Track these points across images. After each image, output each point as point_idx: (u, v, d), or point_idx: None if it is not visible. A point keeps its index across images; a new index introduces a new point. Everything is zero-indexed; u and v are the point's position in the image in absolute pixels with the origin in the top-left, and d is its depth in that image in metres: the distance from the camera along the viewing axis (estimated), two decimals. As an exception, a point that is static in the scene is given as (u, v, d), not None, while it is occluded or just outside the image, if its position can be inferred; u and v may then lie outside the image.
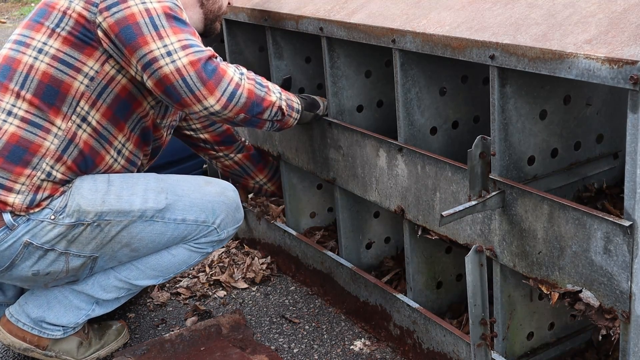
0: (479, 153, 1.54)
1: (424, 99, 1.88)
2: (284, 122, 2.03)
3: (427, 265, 2.04)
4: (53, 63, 1.88)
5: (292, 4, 2.22)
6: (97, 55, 1.88)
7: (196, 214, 2.05)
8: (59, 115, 1.89)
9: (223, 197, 2.11)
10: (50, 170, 1.88)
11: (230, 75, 1.84)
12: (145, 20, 1.81)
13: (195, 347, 2.16)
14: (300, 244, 2.46)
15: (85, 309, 2.09)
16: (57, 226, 1.89)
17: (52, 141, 1.88)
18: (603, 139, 1.83)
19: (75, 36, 1.87)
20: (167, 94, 1.82)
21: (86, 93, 1.90)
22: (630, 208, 1.34)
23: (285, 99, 2.01)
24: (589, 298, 1.47)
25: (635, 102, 1.27)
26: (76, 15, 1.87)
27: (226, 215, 2.10)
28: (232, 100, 1.84)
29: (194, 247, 2.10)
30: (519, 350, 1.76)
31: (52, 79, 1.88)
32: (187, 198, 2.05)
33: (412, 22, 1.77)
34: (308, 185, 2.54)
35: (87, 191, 1.92)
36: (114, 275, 2.08)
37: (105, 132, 1.95)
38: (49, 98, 1.88)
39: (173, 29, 1.82)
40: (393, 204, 1.97)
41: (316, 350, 2.14)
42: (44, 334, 2.08)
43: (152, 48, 1.80)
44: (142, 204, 1.97)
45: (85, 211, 1.91)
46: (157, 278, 2.11)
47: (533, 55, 1.43)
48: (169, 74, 1.79)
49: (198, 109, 1.83)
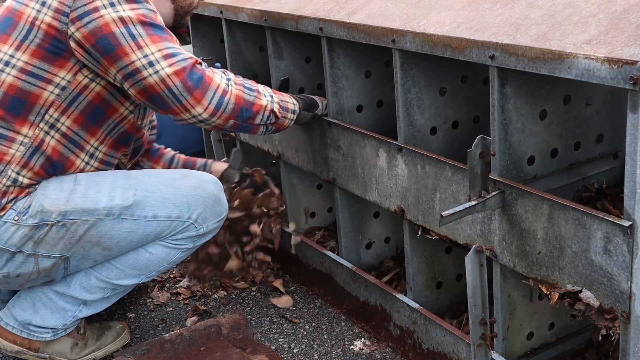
0: (479, 153, 1.54)
1: (423, 99, 1.88)
2: (279, 124, 2.02)
3: (427, 265, 2.04)
4: (21, 76, 1.84)
5: (292, 4, 2.22)
6: (69, 66, 1.84)
7: (169, 209, 1.99)
8: (25, 124, 1.85)
9: (200, 190, 2.03)
10: (16, 176, 1.86)
11: (216, 82, 1.83)
12: (121, 30, 1.77)
13: (195, 347, 2.16)
14: (300, 243, 2.46)
15: (72, 310, 2.07)
16: (21, 227, 1.86)
17: (17, 149, 1.85)
18: (603, 139, 1.83)
19: (46, 48, 1.82)
20: (153, 102, 1.81)
21: (56, 102, 1.86)
22: (630, 208, 1.34)
23: (277, 101, 1.99)
24: (589, 298, 1.47)
25: (635, 102, 1.27)
26: (45, 27, 1.81)
27: (204, 209, 2.03)
28: (219, 108, 1.83)
29: (171, 243, 2.03)
30: (519, 350, 1.76)
31: (19, 90, 1.84)
32: (158, 194, 1.98)
33: (412, 22, 1.77)
34: (308, 185, 2.54)
35: (51, 191, 1.89)
36: (94, 275, 2.04)
37: (76, 137, 1.91)
38: (14, 109, 1.84)
39: (151, 38, 1.79)
40: (393, 204, 1.97)
41: (316, 350, 2.14)
42: (33, 337, 2.07)
43: (133, 59, 1.77)
44: (108, 201, 1.92)
45: (48, 211, 1.87)
46: (138, 277, 2.07)
47: (533, 55, 1.43)
48: (153, 85, 1.77)
49: (186, 117, 1.82)
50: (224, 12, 2.54)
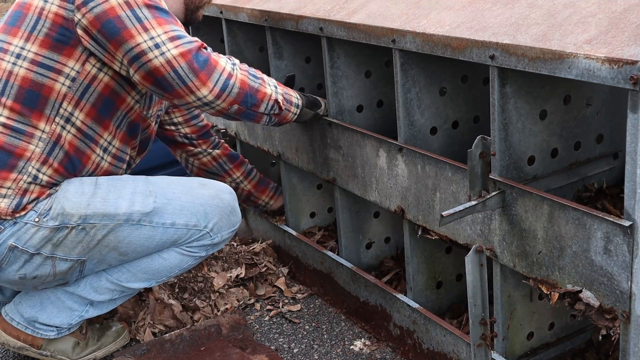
0: (479, 153, 1.54)
1: (424, 99, 1.88)
2: (283, 116, 2.02)
3: (427, 265, 2.04)
4: (32, 67, 1.85)
5: (292, 4, 2.22)
6: (76, 54, 1.85)
7: (187, 217, 2.01)
8: (42, 118, 1.86)
9: (217, 200, 2.06)
10: (36, 173, 1.86)
11: (222, 65, 1.83)
12: (127, 12, 1.78)
13: (195, 347, 2.16)
14: (300, 244, 2.46)
15: (79, 310, 2.08)
16: (41, 229, 1.87)
17: (36, 144, 1.86)
18: (603, 139, 1.83)
19: (53, 37, 1.84)
20: (158, 86, 1.80)
21: (68, 94, 1.87)
22: (630, 208, 1.34)
23: (282, 93, 2.00)
24: (589, 298, 1.47)
25: (635, 102, 1.27)
26: (52, 16, 1.83)
27: (219, 219, 2.06)
28: (225, 90, 1.83)
29: (186, 251, 2.06)
30: (519, 350, 1.76)
31: (33, 83, 1.85)
32: (177, 201, 2.01)
33: (412, 22, 1.77)
34: (308, 185, 2.54)
35: (72, 194, 1.90)
36: (105, 277, 2.05)
37: (90, 131, 1.93)
38: (30, 103, 1.85)
39: (157, 20, 1.80)
40: (393, 204, 1.97)
41: (316, 350, 2.14)
42: (38, 334, 2.07)
43: (139, 41, 1.77)
44: (129, 207, 1.94)
45: (69, 214, 1.88)
46: (149, 281, 2.08)
47: (533, 55, 1.43)
48: (159, 67, 1.77)
49: (191, 100, 1.82)
50: (224, 12, 2.54)
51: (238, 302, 2.38)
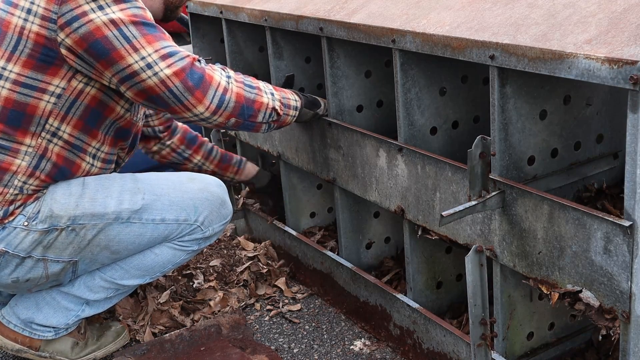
0: (479, 153, 1.54)
1: (423, 99, 1.88)
2: (281, 121, 2.02)
3: (427, 265, 2.04)
4: (15, 88, 1.81)
5: (292, 4, 2.22)
6: (62, 73, 1.81)
7: (176, 212, 2.00)
8: (27, 135, 1.84)
9: (206, 193, 2.05)
10: (22, 185, 1.85)
11: (217, 80, 1.82)
12: (114, 32, 1.74)
13: (195, 347, 2.16)
14: (300, 244, 2.46)
15: (75, 309, 2.07)
16: (31, 232, 1.86)
17: (22, 158, 1.84)
18: (603, 139, 1.83)
19: (37, 58, 1.79)
20: (153, 102, 1.79)
21: (54, 110, 1.84)
22: (630, 208, 1.34)
23: (279, 99, 1.99)
24: (589, 298, 1.47)
25: (635, 102, 1.27)
26: (34, 36, 1.78)
27: (210, 212, 2.05)
28: (221, 106, 1.83)
29: (178, 245, 2.05)
30: (519, 350, 1.76)
31: (16, 103, 1.82)
32: (166, 197, 2.00)
33: (412, 22, 1.77)
34: (308, 185, 2.54)
35: (60, 195, 1.89)
36: (99, 275, 2.05)
37: (78, 142, 1.91)
38: (14, 122, 1.83)
39: (146, 38, 1.76)
40: (393, 204, 1.97)
41: (316, 350, 2.14)
42: (35, 335, 2.07)
43: (130, 62, 1.75)
44: (117, 205, 1.93)
45: (58, 216, 1.87)
46: (143, 277, 2.08)
47: (533, 55, 1.43)
48: (153, 86, 1.76)
49: (188, 116, 1.82)
50: (224, 12, 2.54)
51: (238, 302, 2.38)
